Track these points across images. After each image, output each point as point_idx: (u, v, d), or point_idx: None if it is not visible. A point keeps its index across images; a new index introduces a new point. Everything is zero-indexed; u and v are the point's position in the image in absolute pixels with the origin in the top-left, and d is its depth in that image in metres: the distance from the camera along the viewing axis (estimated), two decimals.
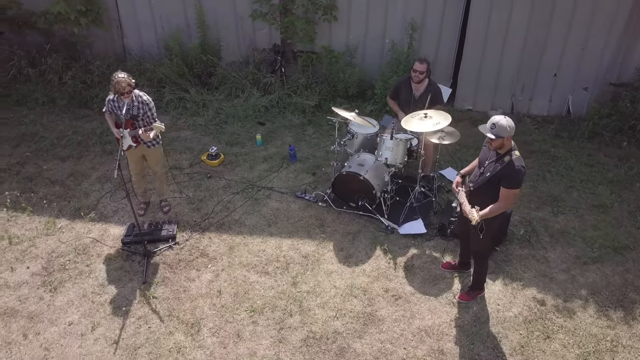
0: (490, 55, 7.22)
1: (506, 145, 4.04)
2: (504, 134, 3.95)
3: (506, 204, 4.05)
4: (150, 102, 5.19)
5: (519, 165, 3.95)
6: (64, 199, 6.01)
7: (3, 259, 5.25)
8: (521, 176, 3.96)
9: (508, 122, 3.93)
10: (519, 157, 4.00)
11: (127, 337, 4.52)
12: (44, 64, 7.64)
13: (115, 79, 4.90)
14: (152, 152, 5.42)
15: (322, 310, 4.73)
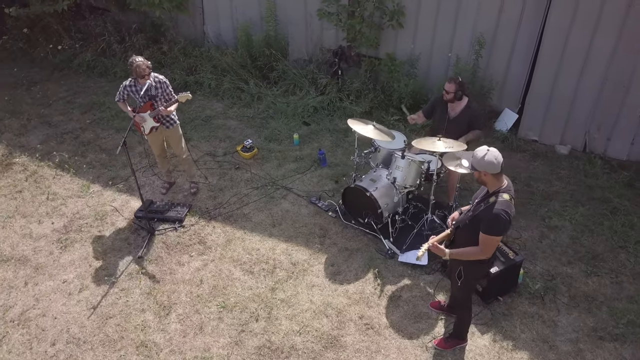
0: (565, 82, 6.39)
1: (492, 183, 3.54)
2: (478, 168, 3.48)
3: (483, 250, 3.55)
4: (167, 80, 5.38)
5: (500, 210, 3.43)
6: (105, 167, 6.48)
7: (37, 211, 5.82)
8: (501, 223, 3.44)
9: (488, 157, 3.44)
10: (505, 202, 3.48)
11: (105, 305, 4.76)
12: (129, 42, 8.28)
13: (134, 63, 5.12)
14: (172, 133, 5.62)
15: (289, 322, 4.57)
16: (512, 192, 3.56)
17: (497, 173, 3.48)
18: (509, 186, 3.59)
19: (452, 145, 4.68)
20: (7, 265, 5.18)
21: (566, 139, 6.73)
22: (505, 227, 3.47)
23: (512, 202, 3.52)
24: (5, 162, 6.55)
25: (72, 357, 4.34)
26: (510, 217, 3.45)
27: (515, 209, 3.57)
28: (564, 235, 5.41)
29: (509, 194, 3.52)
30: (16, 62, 8.60)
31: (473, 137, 5.42)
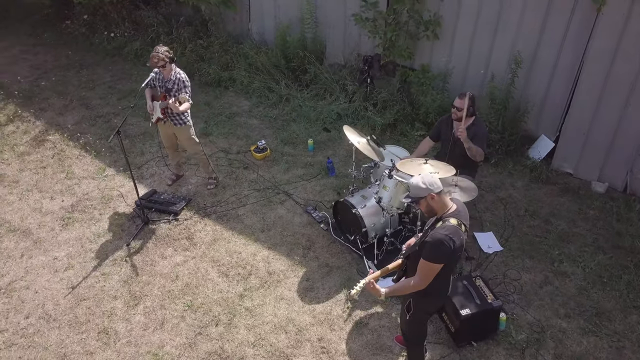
0: (607, 112, 5.70)
1: (437, 207, 3.23)
2: (420, 194, 3.16)
3: (421, 279, 3.23)
4: (186, 80, 5.41)
5: (444, 234, 3.10)
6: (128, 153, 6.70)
7: (52, 188, 6.14)
8: (442, 249, 3.10)
9: (423, 179, 3.14)
10: (452, 226, 3.14)
11: (83, 287, 4.92)
12: (174, 34, 8.54)
13: (153, 52, 5.23)
14: (180, 131, 5.67)
15: (246, 332, 4.46)
16: (462, 218, 3.21)
17: (439, 192, 3.15)
18: (460, 212, 3.25)
19: (438, 170, 4.30)
20: (12, 235, 5.51)
21: (605, 176, 6.02)
22: (447, 255, 3.12)
23: (462, 229, 3.17)
24: (40, 138, 6.98)
25: (38, 333, 4.51)
26: (456, 244, 3.10)
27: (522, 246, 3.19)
28: (571, 284, 4.83)
29: (458, 219, 3.18)
30: (76, 46, 9.17)
31: (474, 151, 4.91)
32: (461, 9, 6.47)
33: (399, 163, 4.51)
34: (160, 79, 5.39)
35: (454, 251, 3.12)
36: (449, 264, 3.23)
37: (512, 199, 5.89)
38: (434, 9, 6.62)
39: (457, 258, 3.29)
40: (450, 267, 3.29)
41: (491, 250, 5.15)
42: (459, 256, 3.30)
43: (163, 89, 5.39)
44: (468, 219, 3.32)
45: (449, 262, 3.20)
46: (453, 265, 3.34)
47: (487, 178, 6.20)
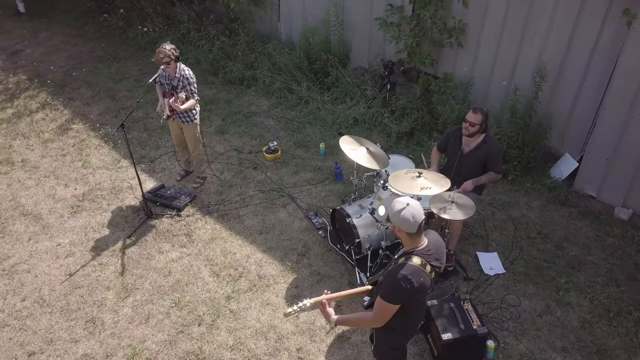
0: (635, 134, 5.31)
1: (406, 242, 3.04)
2: (392, 221, 2.98)
3: (376, 317, 3.02)
4: (191, 77, 5.44)
5: (402, 275, 2.89)
6: (141, 145, 6.84)
7: (67, 176, 6.33)
8: (397, 291, 2.89)
9: (405, 213, 2.91)
10: (413, 267, 2.93)
11: (79, 275, 5.03)
12: (204, 31, 8.65)
13: (159, 48, 5.29)
14: (187, 129, 5.71)
15: (227, 335, 4.42)
16: (431, 257, 3.00)
17: (413, 233, 2.97)
18: (430, 249, 3.02)
19: (430, 186, 4.11)
20: (24, 219, 5.71)
21: (630, 202, 5.61)
22: (403, 296, 2.90)
23: (425, 270, 2.95)
24: (65, 127, 7.22)
25: (31, 316, 4.64)
26: (414, 286, 2.88)
27: (527, 271, 2.96)
28: (574, 315, 4.52)
29: (423, 259, 2.97)
30: (112, 39, 9.43)
31: (487, 181, 4.77)
32: (487, 17, 6.20)
33: (391, 176, 4.33)
34: (166, 76, 5.44)
35: (412, 292, 2.90)
36: (410, 303, 3.02)
37: (525, 219, 5.59)
38: (459, 16, 6.37)
39: (420, 298, 3.08)
40: (412, 305, 3.07)
41: (493, 272, 4.90)
42: (422, 296, 3.09)
43: (169, 86, 5.44)
44: (442, 255, 3.11)
45: (408, 303, 2.99)
46: (416, 303, 3.12)
47: (501, 195, 5.91)
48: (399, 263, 2.98)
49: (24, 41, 9.60)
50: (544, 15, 5.72)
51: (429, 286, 3.04)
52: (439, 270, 3.10)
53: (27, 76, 8.40)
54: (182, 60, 8.29)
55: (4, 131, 7.14)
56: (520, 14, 5.90)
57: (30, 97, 7.87)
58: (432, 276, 3.03)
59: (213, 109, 7.55)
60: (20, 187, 6.17)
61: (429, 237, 3.10)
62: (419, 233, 2.98)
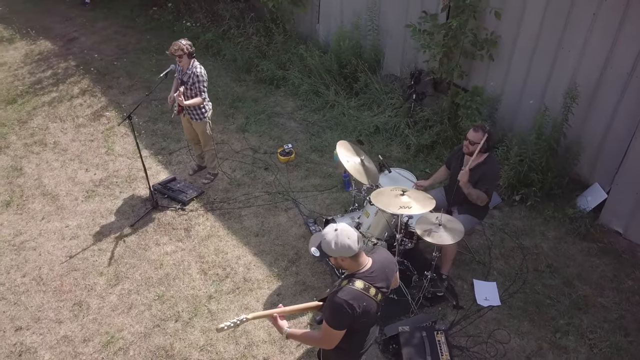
0: None
1: (350, 266, 2.88)
2: (330, 253, 2.82)
3: (323, 340, 2.90)
4: (201, 75, 5.49)
5: (344, 300, 2.75)
6: (163, 137, 7.01)
7: (90, 161, 6.60)
8: (339, 316, 2.76)
9: (339, 240, 2.76)
10: (354, 291, 2.78)
11: (78, 258, 5.22)
12: (243, 28, 8.74)
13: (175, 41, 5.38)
14: (196, 125, 5.77)
15: (200, 335, 4.43)
16: (375, 278, 2.84)
17: (355, 254, 2.80)
18: (374, 271, 2.86)
19: (411, 205, 3.88)
20: (43, 198, 6.01)
21: None
22: (347, 321, 2.77)
23: (368, 293, 2.80)
24: (98, 113, 7.53)
25: (27, 293, 4.87)
26: (356, 310, 2.74)
27: (526, 306, 2.77)
28: None
29: (366, 282, 2.81)
30: (158, 32, 9.74)
31: (475, 195, 4.41)
32: (520, 30, 5.81)
33: (374, 192, 4.14)
34: (179, 71, 5.52)
35: (356, 317, 2.76)
36: (355, 326, 2.87)
37: (536, 249, 5.19)
38: (492, 28, 6.02)
39: (367, 321, 2.91)
40: (359, 328, 2.92)
41: (487, 303, 4.58)
42: (370, 319, 2.92)
43: (180, 81, 5.51)
44: (390, 275, 2.95)
45: (354, 326, 2.85)
46: (362, 326, 2.95)
47: (516, 221, 5.53)
48: (342, 286, 2.84)
49: (81, 29, 10.13)
50: (579, 31, 5.28)
51: (375, 309, 2.90)
52: (386, 292, 2.93)
53: (75, 63, 8.85)
54: (219, 55, 8.48)
55: (45, 113, 7.56)
56: (556, 28, 5.48)
57: (74, 82, 8.28)
58: (378, 298, 2.88)
59: (239, 106, 7.60)
60: (47, 167, 6.50)
61: (375, 257, 2.95)
62: (361, 253, 2.84)
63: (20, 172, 6.41)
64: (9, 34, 9.94)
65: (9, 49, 9.45)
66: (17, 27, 10.06)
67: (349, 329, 2.86)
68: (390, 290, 3.03)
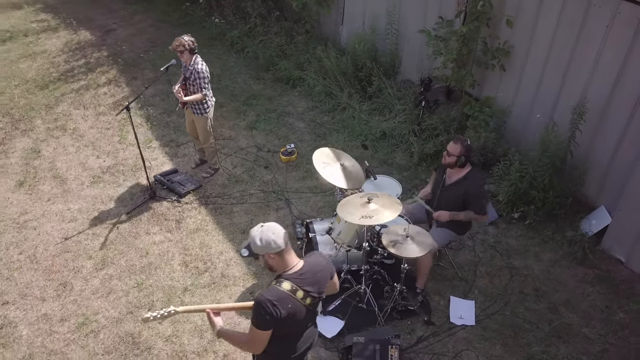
0: None
1: (275, 265, 2.84)
2: (257, 250, 2.79)
3: (249, 341, 2.86)
4: (202, 72, 5.58)
5: (265, 299, 2.71)
6: (175, 129, 7.18)
7: (103, 148, 6.85)
8: (261, 313, 2.71)
9: (264, 236, 2.74)
10: (279, 292, 2.75)
11: (72, 241, 5.43)
12: (268, 27, 8.82)
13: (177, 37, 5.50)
14: (197, 120, 5.88)
15: (168, 325, 4.52)
16: (304, 281, 2.80)
17: (281, 251, 2.76)
18: (304, 273, 2.82)
19: (372, 215, 3.78)
20: (53, 180, 6.30)
21: None
22: (270, 322, 2.72)
23: (295, 296, 2.75)
24: (119, 103, 7.81)
25: (20, 269, 5.12)
26: (280, 312, 2.69)
27: (502, 329, 2.73)
28: None
29: (293, 284, 2.77)
30: (191, 27, 9.98)
31: (465, 219, 4.31)
32: (533, 41, 5.56)
33: (341, 203, 4.05)
34: (183, 66, 5.63)
35: (280, 320, 2.71)
36: (283, 329, 2.82)
37: (526, 271, 4.95)
38: (505, 37, 5.79)
39: (295, 324, 2.85)
40: (287, 331, 2.86)
41: (460, 322, 4.41)
42: (298, 322, 2.86)
43: (183, 76, 5.63)
44: (322, 280, 2.89)
45: (281, 329, 2.79)
46: (290, 330, 2.90)
47: (511, 239, 5.30)
48: (269, 287, 2.81)
49: (121, 21, 10.54)
50: (592, 44, 4.99)
51: (304, 313, 2.85)
52: (317, 297, 2.88)
53: (107, 53, 9.21)
54: (243, 52, 8.58)
55: (70, 100, 7.92)
56: (569, 40, 5.21)
57: (102, 72, 8.63)
58: (307, 302, 2.83)
59: (253, 104, 7.68)
60: (62, 151, 6.80)
61: (308, 260, 2.92)
62: (289, 251, 2.81)
63: (38, 155, 6.74)
64: (55, 23, 10.49)
65: (52, 37, 9.95)
66: (63, 17, 10.61)
67: (278, 332, 2.81)
68: (322, 296, 2.96)
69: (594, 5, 4.86)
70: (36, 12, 11.06)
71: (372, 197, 3.87)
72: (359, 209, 3.85)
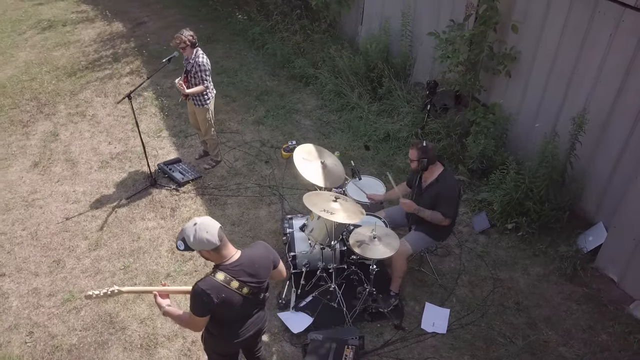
0: None
1: (211, 259, 2.95)
2: (192, 247, 2.87)
3: (188, 322, 2.99)
4: (203, 65, 5.70)
5: (200, 288, 2.82)
6: (185, 121, 7.32)
7: (116, 135, 7.11)
8: (197, 301, 2.84)
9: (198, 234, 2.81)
10: (212, 282, 2.85)
11: (72, 221, 5.67)
12: (289, 24, 8.91)
13: (178, 33, 5.64)
14: (198, 112, 6.01)
15: (145, 308, 4.68)
16: (240, 272, 2.88)
17: (215, 247, 2.82)
18: (242, 264, 2.91)
19: (334, 213, 3.77)
20: (65, 163, 6.60)
21: None
22: (204, 309, 2.85)
23: (229, 286, 2.85)
24: (138, 92, 8.07)
25: (20, 245, 5.40)
26: (214, 301, 2.79)
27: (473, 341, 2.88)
28: None
29: (228, 275, 2.85)
30: (217, 22, 10.21)
31: (429, 218, 4.24)
32: (539, 48, 5.39)
33: (306, 195, 4.06)
34: (185, 59, 5.77)
35: (216, 306, 2.82)
36: (219, 316, 2.93)
37: (511, 283, 4.81)
38: (513, 43, 5.64)
39: (231, 311, 2.93)
40: (225, 317, 2.98)
41: (431, 329, 4.33)
42: (235, 310, 2.94)
43: (185, 69, 5.77)
44: (260, 271, 2.97)
45: (217, 315, 2.91)
46: (228, 316, 2.99)
47: (500, 250, 5.16)
48: (205, 277, 2.89)
49: (152, 15, 10.89)
50: (596, 53, 4.79)
51: (241, 302, 2.94)
52: (256, 286, 2.96)
53: (135, 45, 9.54)
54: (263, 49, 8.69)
55: (94, 87, 8.25)
56: (573, 47, 5.02)
57: (127, 63, 8.94)
58: (243, 292, 2.92)
59: (265, 99, 7.77)
60: (79, 136, 7.11)
61: (247, 252, 3.01)
62: (225, 245, 2.89)
63: (56, 138, 7.07)
64: (93, 14, 10.96)
65: (88, 28, 10.39)
66: (101, 8, 11.06)
67: (219, 317, 2.96)
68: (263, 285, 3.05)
69: (599, 12, 4.66)
70: (78, 4, 11.57)
71: (339, 198, 3.87)
72: (323, 202, 3.86)
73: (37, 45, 9.64)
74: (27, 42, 9.81)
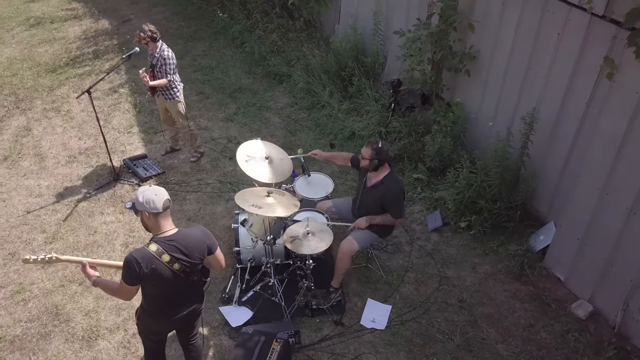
0: (607, 216, 4.18)
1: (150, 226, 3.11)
2: (137, 206, 3.04)
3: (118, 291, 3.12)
4: (167, 58, 5.75)
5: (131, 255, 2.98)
6: (157, 118, 7.34)
7: (87, 131, 7.17)
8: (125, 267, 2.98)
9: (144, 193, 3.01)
10: (143, 251, 3.01)
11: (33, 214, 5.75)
12: (267, 22, 8.95)
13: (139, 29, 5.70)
14: (169, 105, 6.06)
15: (92, 301, 4.74)
16: (173, 248, 2.99)
17: (157, 214, 2.98)
18: (176, 240, 3.02)
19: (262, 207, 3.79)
20: (32, 158, 6.68)
21: (598, 300, 4.45)
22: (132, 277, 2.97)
23: (161, 258, 2.96)
24: (114, 89, 8.16)
25: None
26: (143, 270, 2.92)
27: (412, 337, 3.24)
28: None
29: (160, 247, 2.97)
30: (200, 20, 10.25)
31: (382, 222, 4.27)
32: (497, 47, 5.38)
33: (239, 193, 4.09)
34: (150, 53, 5.82)
35: (145, 276, 2.94)
36: (148, 287, 3.05)
37: (457, 281, 4.81)
38: (472, 42, 5.63)
39: (159, 284, 3.03)
40: (153, 290, 3.09)
41: (370, 325, 4.34)
42: (163, 284, 3.03)
43: (150, 64, 5.82)
44: (192, 251, 3.06)
45: (146, 286, 3.04)
46: (155, 290, 3.09)
47: (450, 248, 5.15)
48: (139, 247, 3.04)
49: (139, 12, 10.96)
50: (547, 52, 4.77)
51: (172, 276, 3.03)
52: (187, 264, 3.05)
53: (117, 42, 9.62)
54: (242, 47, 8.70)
55: (72, 83, 8.35)
56: (526, 46, 5.00)
57: (107, 60, 9.03)
58: (174, 267, 3.01)
59: (238, 97, 7.82)
60: (51, 131, 7.19)
61: (184, 230, 3.12)
62: (165, 215, 3.03)
63: (28, 133, 7.16)
64: (82, 12, 11.06)
65: (75, 25, 10.49)
66: (90, 6, 11.16)
67: (149, 290, 3.09)
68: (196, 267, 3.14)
69: (549, 11, 4.65)
70: (69, 1, 11.67)
71: (272, 192, 3.90)
72: (254, 198, 3.89)
73: (22, 41, 9.76)
74: (14, 39, 9.93)
